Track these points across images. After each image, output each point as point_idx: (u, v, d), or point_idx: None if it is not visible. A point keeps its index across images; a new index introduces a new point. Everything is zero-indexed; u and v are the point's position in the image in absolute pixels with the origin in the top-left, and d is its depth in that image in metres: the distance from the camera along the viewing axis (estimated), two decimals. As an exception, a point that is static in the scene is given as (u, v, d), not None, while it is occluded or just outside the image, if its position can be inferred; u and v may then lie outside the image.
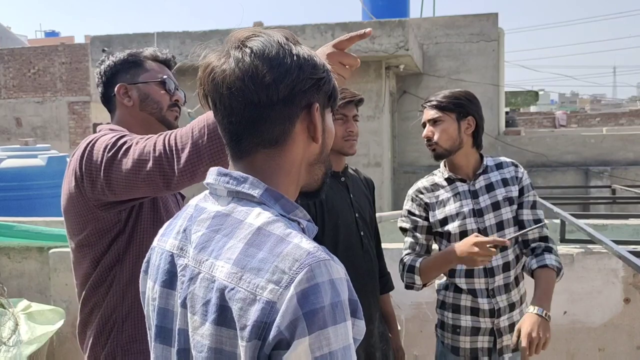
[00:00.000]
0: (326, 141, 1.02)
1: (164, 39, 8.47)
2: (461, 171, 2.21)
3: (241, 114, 0.94)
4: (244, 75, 0.92)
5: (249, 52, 0.93)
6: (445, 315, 2.22)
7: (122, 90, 1.78)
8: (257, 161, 0.96)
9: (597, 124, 22.43)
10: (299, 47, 0.97)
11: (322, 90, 0.98)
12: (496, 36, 10.57)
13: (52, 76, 17.78)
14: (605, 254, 3.01)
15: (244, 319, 0.83)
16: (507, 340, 2.16)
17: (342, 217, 2.08)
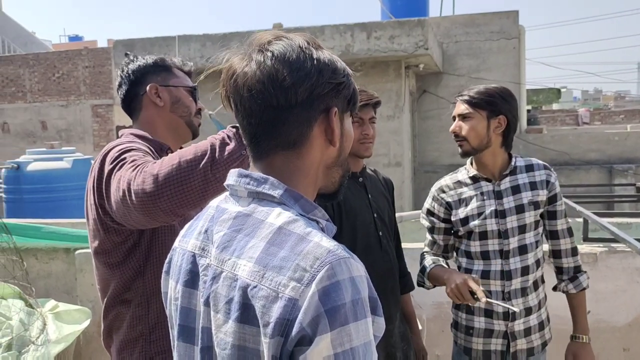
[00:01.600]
0: (344, 145, 1.04)
1: (185, 42, 8.56)
2: (487, 170, 2.15)
3: (260, 116, 0.96)
4: (265, 78, 0.94)
5: (270, 55, 0.95)
6: (459, 316, 2.20)
7: (154, 90, 1.80)
8: (275, 162, 0.99)
9: (621, 121, 22.05)
10: (320, 52, 0.98)
11: (342, 94, 1.00)
12: (517, 33, 10.47)
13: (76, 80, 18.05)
14: (630, 253, 2.98)
15: (266, 316, 0.85)
16: (522, 344, 2.13)
17: (360, 218, 2.08)
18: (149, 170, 1.41)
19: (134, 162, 1.50)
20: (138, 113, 1.84)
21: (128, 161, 1.51)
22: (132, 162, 1.50)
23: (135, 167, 1.46)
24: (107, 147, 1.69)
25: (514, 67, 10.45)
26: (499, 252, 2.10)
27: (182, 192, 1.39)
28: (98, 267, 1.73)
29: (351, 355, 0.83)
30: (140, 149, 1.63)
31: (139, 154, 1.57)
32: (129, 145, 1.63)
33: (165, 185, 1.38)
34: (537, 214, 2.14)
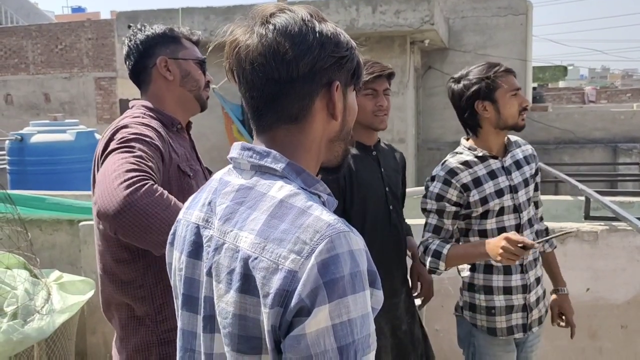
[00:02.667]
0: (347, 119, 1.04)
1: (189, 15, 8.49)
2: (494, 148, 2.17)
3: (262, 89, 0.97)
4: (266, 51, 0.94)
5: (272, 28, 0.95)
6: (477, 298, 2.18)
7: (163, 63, 1.79)
8: (278, 136, 0.99)
9: (628, 100, 21.89)
10: (323, 24, 0.98)
11: (345, 68, 0.99)
12: (524, 9, 10.34)
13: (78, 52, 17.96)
14: (630, 232, 2.99)
15: (267, 287, 0.87)
16: (535, 314, 2.19)
17: (372, 191, 2.08)
18: (129, 199, 1.42)
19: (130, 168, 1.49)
20: (147, 86, 1.83)
21: (125, 159, 1.51)
22: (128, 165, 1.49)
23: (123, 181, 1.45)
24: (118, 122, 1.69)
25: (520, 44, 10.34)
26: (515, 227, 2.13)
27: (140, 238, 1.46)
28: (98, 240, 1.75)
29: (349, 326, 0.84)
30: (148, 140, 1.61)
31: (141, 153, 1.56)
32: (138, 130, 1.62)
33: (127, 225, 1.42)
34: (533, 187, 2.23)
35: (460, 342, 2.30)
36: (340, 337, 0.84)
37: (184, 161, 1.77)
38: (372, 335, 0.89)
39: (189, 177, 1.75)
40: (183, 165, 1.75)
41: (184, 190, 1.72)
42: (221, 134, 8.59)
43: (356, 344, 0.85)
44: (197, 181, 1.79)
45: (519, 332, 2.18)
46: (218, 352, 0.96)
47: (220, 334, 0.95)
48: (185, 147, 1.85)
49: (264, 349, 0.89)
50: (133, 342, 1.71)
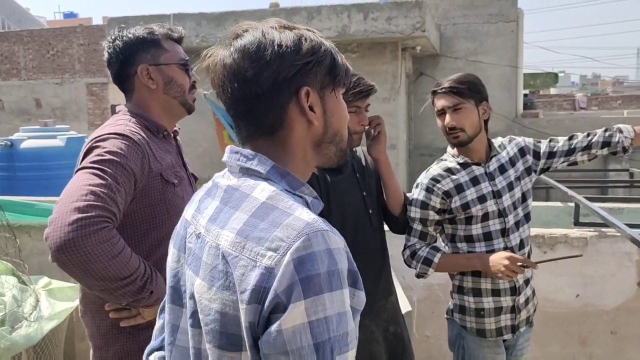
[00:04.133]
0: (329, 121, 1.05)
1: (180, 21, 8.48)
2: (476, 155, 2.20)
3: (235, 108, 1.02)
4: (228, 72, 0.99)
5: (232, 50, 0.99)
6: (466, 300, 2.21)
7: (144, 71, 1.75)
8: (259, 145, 1.02)
9: (619, 107, 22.04)
10: (283, 34, 0.99)
11: (312, 73, 1.00)
12: (515, 17, 10.41)
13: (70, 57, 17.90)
14: (619, 238, 3.00)
15: (244, 283, 0.88)
16: (523, 315, 2.22)
17: (349, 197, 2.08)
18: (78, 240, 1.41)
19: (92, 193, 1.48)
20: (131, 94, 1.81)
21: (92, 186, 1.50)
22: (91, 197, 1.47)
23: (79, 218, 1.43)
24: (101, 131, 1.67)
25: (511, 51, 10.41)
26: (500, 231, 2.16)
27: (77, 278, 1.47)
28: None
29: (325, 323, 0.85)
30: (123, 162, 1.59)
31: (111, 181, 1.53)
32: (116, 148, 1.60)
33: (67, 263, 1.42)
34: (527, 183, 2.24)
35: (450, 345, 2.32)
36: (317, 334, 0.84)
37: (169, 169, 1.75)
38: (351, 334, 0.89)
39: (173, 186, 1.74)
40: (167, 173, 1.74)
41: (166, 199, 1.71)
42: (213, 140, 8.58)
43: (332, 342, 0.85)
44: (182, 188, 1.77)
45: (508, 333, 2.21)
46: (205, 348, 0.98)
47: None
48: (172, 153, 1.83)
49: (244, 346, 0.90)
50: (113, 350, 1.70)
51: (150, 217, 1.69)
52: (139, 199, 1.66)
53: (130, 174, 1.59)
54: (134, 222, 1.67)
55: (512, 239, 2.16)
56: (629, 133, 2.22)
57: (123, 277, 1.48)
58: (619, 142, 2.21)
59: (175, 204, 1.71)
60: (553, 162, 2.26)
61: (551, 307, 3.08)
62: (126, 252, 1.49)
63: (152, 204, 1.69)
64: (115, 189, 1.53)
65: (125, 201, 1.58)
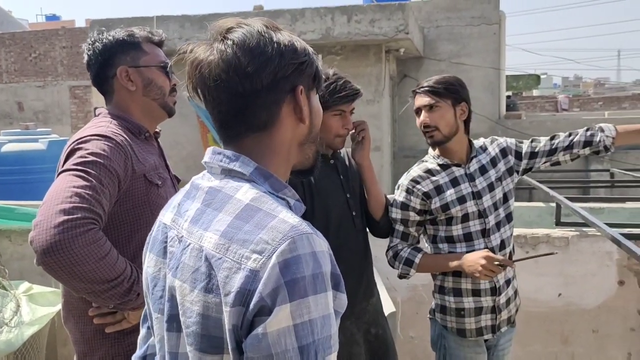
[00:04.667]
0: (314, 121, 1.07)
1: (164, 23, 8.45)
2: (455, 156, 2.22)
3: (229, 104, 0.99)
4: (228, 67, 0.96)
5: (230, 43, 0.97)
6: (447, 300, 2.23)
7: (124, 73, 1.74)
8: (246, 144, 1.02)
9: (600, 108, 22.32)
10: (279, 34, 1.01)
11: (305, 73, 1.02)
12: (497, 19, 10.50)
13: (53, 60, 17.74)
14: (600, 237, 3.04)
15: (228, 286, 0.88)
16: (504, 315, 2.24)
17: (332, 198, 2.09)
18: (64, 242, 1.40)
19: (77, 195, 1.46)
20: (111, 96, 1.80)
21: (77, 188, 1.48)
22: (76, 199, 1.46)
23: (65, 221, 1.41)
24: (82, 133, 1.66)
25: (494, 53, 10.49)
26: (480, 232, 2.18)
27: (64, 281, 1.46)
28: None
29: (309, 326, 0.85)
30: (107, 163, 1.57)
31: (95, 183, 1.52)
32: (99, 150, 1.59)
33: (53, 266, 1.40)
34: (508, 183, 2.25)
35: (433, 345, 2.33)
36: (301, 337, 0.84)
37: (152, 170, 1.74)
38: (334, 337, 0.89)
39: (157, 187, 1.73)
40: (151, 174, 1.73)
41: (150, 200, 1.70)
42: (197, 143, 8.55)
43: (317, 344, 0.85)
44: (165, 189, 1.77)
45: (488, 333, 2.23)
46: (182, 352, 0.97)
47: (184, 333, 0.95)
48: (154, 154, 1.82)
49: (226, 349, 0.90)
50: (98, 355, 1.69)
51: (135, 218, 1.68)
52: (122, 201, 1.65)
53: (114, 175, 1.58)
54: (118, 224, 1.66)
55: (492, 240, 2.18)
56: (611, 132, 2.24)
57: (110, 279, 1.46)
58: (600, 142, 2.23)
59: (159, 205, 1.69)
60: (535, 162, 2.28)
61: (533, 306, 3.11)
62: (113, 253, 1.48)
63: (136, 206, 1.68)
64: (100, 191, 1.51)
65: (110, 203, 1.57)
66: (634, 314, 3.10)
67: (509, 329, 2.30)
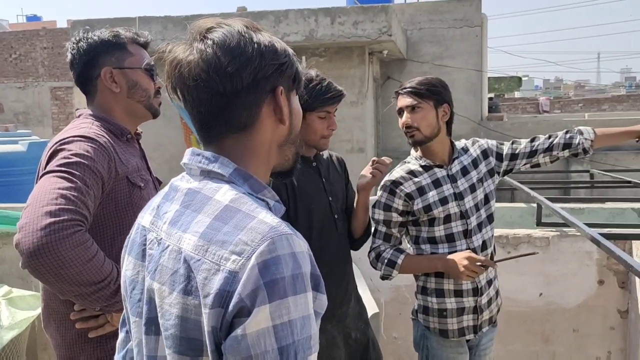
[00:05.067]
0: (294, 122, 1.07)
1: (146, 24, 8.39)
2: (437, 157, 2.24)
3: (209, 104, 0.98)
4: (208, 66, 0.96)
5: (210, 43, 0.97)
6: (429, 301, 2.24)
7: (108, 74, 1.72)
8: (225, 145, 1.01)
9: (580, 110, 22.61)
10: (260, 35, 1.00)
11: (286, 74, 1.02)
12: (479, 22, 10.58)
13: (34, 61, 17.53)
14: (580, 237, 3.08)
15: (207, 287, 0.87)
16: (486, 315, 2.25)
17: (315, 202, 2.09)
18: (50, 245, 1.38)
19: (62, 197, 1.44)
20: (93, 96, 1.78)
21: (62, 190, 1.46)
22: (62, 201, 1.44)
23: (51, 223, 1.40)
24: (63, 134, 1.64)
25: (476, 55, 10.57)
26: (462, 233, 2.19)
27: (50, 284, 1.44)
28: None
29: (289, 327, 0.85)
30: (90, 164, 1.56)
31: (80, 184, 1.50)
32: (82, 150, 1.57)
33: (40, 269, 1.38)
34: (489, 184, 2.27)
35: (415, 345, 2.34)
36: (281, 338, 0.84)
37: (134, 172, 1.73)
38: (314, 337, 0.89)
39: (139, 189, 1.72)
40: (134, 176, 1.72)
41: (133, 202, 1.69)
42: (180, 144, 8.49)
43: (296, 345, 0.85)
44: (147, 191, 1.75)
45: (470, 334, 2.24)
46: (161, 355, 0.96)
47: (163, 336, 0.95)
48: (136, 156, 1.81)
49: (205, 351, 0.89)
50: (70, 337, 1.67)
51: (118, 221, 1.67)
52: (105, 203, 1.63)
53: (98, 176, 1.57)
54: (101, 227, 1.64)
55: (474, 240, 2.20)
56: (589, 135, 2.28)
57: (97, 281, 1.45)
58: (579, 144, 2.27)
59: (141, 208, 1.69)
60: (516, 164, 2.31)
61: (514, 306, 3.14)
62: (99, 255, 1.47)
63: (119, 208, 1.66)
64: (85, 192, 1.50)
65: (94, 204, 1.56)
66: (613, 313, 3.14)
67: (490, 329, 2.32)
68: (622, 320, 3.14)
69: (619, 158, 9.85)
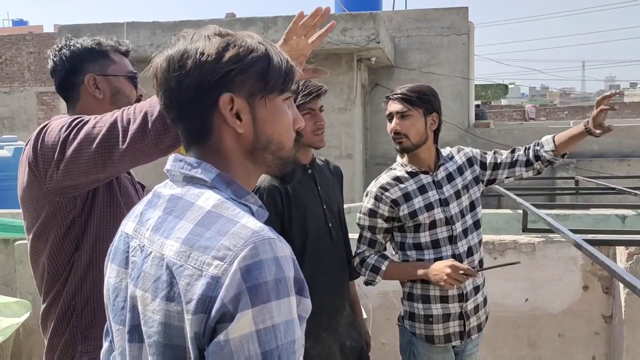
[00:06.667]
0: (263, 129, 1.01)
1: (134, 29, 8.37)
2: (423, 164, 2.26)
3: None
4: (159, 80, 1.00)
5: (163, 58, 1.00)
6: (415, 307, 2.25)
7: (91, 81, 1.73)
8: (205, 152, 1.01)
9: (566, 117, 22.83)
10: (211, 42, 0.97)
11: (236, 81, 0.97)
12: (466, 30, 10.68)
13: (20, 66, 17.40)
14: (566, 243, 3.10)
15: (190, 293, 0.87)
16: (474, 321, 2.27)
17: (310, 210, 2.09)
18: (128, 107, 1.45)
19: (96, 116, 1.50)
20: (75, 103, 1.78)
21: (90, 118, 1.50)
22: (95, 117, 1.49)
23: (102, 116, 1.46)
24: (43, 125, 1.62)
25: (463, 63, 10.66)
26: (448, 239, 2.21)
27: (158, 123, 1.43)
28: (38, 252, 1.67)
29: (272, 331, 0.85)
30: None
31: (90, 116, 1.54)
32: (75, 116, 1.58)
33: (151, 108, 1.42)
34: (473, 193, 2.29)
35: (402, 351, 2.35)
36: (264, 343, 0.84)
37: None
38: (298, 342, 0.89)
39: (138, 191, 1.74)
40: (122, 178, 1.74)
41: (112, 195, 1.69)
42: (168, 150, 8.46)
43: (280, 350, 0.85)
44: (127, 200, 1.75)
45: (457, 340, 2.25)
46: None
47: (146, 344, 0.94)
48: None
49: (188, 358, 0.89)
50: (61, 344, 1.66)
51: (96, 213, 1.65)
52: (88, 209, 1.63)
53: None
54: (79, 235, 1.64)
55: (459, 246, 2.21)
56: (549, 146, 2.31)
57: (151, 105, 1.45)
58: (541, 160, 2.32)
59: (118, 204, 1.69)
60: (498, 174, 2.34)
61: (500, 311, 3.16)
62: None
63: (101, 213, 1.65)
64: None
65: None
66: (598, 318, 3.17)
67: (477, 336, 2.33)
68: (606, 325, 3.17)
69: (603, 165, 9.97)
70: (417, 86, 2.23)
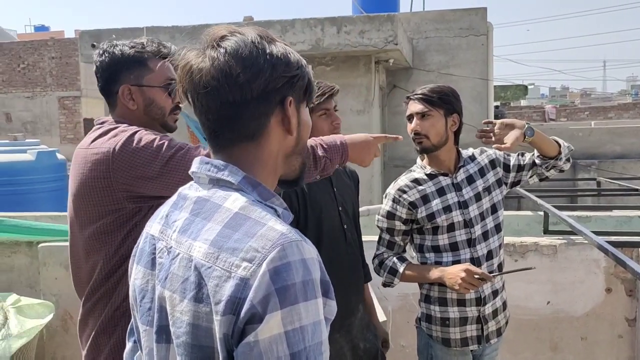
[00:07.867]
0: (302, 133, 1.07)
1: (154, 34, 8.45)
2: (443, 166, 2.24)
3: (217, 112, 0.99)
4: (219, 74, 0.96)
5: (223, 52, 0.97)
6: (432, 309, 2.24)
7: (126, 91, 1.75)
8: (234, 154, 1.02)
9: (586, 118, 22.57)
10: (273, 45, 1.00)
11: (296, 86, 1.02)
12: (485, 30, 10.60)
13: (42, 71, 17.69)
14: (588, 245, 3.07)
15: (218, 294, 0.88)
16: (492, 326, 2.23)
17: (325, 211, 2.09)
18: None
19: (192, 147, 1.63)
20: (114, 108, 1.82)
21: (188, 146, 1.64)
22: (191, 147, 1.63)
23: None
24: (124, 132, 1.66)
25: (482, 64, 10.57)
26: (466, 242, 2.18)
27: None
28: (93, 250, 1.69)
29: (301, 333, 0.85)
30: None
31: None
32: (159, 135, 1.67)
33: None
34: (494, 196, 2.26)
35: (419, 354, 2.34)
36: (293, 344, 0.85)
37: None
38: (325, 343, 0.90)
39: None
40: None
41: None
42: (187, 153, 8.52)
43: (308, 351, 0.86)
44: None
45: (474, 344, 2.23)
46: None
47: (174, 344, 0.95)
48: None
49: (217, 358, 0.89)
50: (108, 346, 1.69)
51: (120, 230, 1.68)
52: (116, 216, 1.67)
53: None
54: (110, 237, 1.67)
55: (478, 250, 2.19)
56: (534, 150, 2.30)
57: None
58: (536, 164, 2.29)
59: None
60: (522, 176, 2.31)
61: (522, 314, 3.13)
62: None
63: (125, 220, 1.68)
64: None
65: None
66: (621, 321, 3.13)
67: (498, 340, 2.30)
68: (629, 328, 3.12)
69: (626, 166, 9.82)
70: (438, 87, 2.21)
